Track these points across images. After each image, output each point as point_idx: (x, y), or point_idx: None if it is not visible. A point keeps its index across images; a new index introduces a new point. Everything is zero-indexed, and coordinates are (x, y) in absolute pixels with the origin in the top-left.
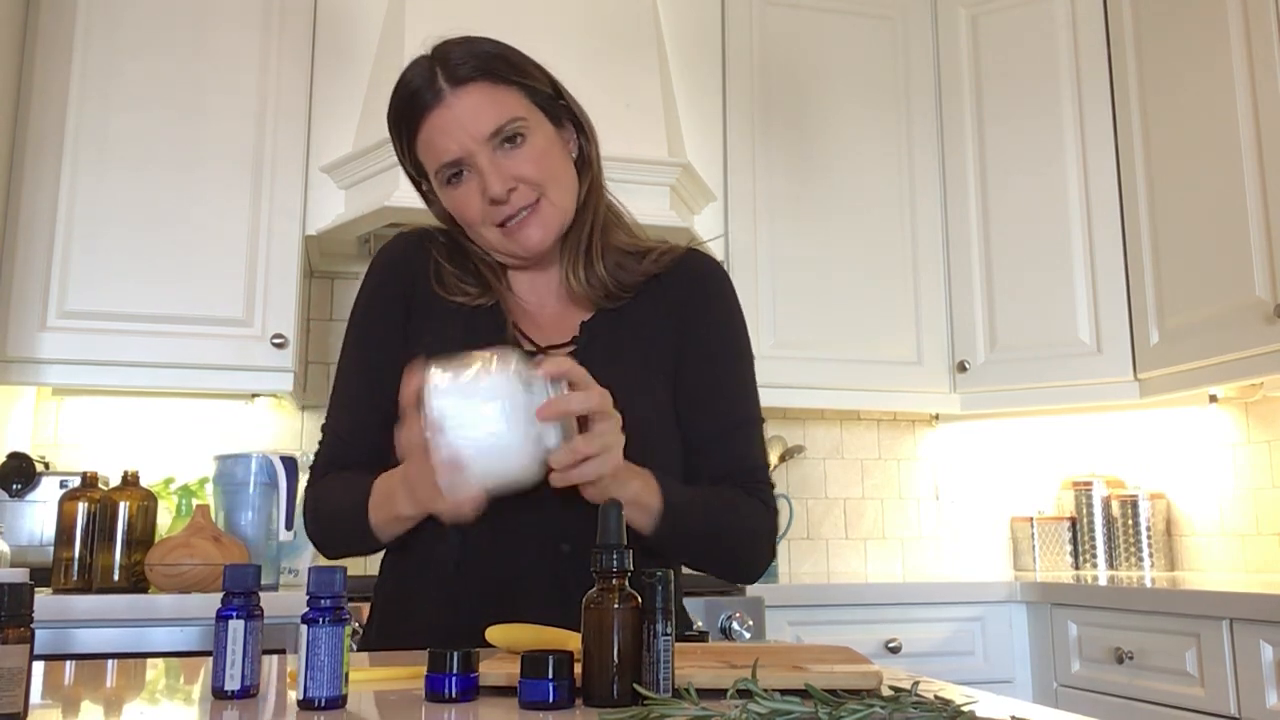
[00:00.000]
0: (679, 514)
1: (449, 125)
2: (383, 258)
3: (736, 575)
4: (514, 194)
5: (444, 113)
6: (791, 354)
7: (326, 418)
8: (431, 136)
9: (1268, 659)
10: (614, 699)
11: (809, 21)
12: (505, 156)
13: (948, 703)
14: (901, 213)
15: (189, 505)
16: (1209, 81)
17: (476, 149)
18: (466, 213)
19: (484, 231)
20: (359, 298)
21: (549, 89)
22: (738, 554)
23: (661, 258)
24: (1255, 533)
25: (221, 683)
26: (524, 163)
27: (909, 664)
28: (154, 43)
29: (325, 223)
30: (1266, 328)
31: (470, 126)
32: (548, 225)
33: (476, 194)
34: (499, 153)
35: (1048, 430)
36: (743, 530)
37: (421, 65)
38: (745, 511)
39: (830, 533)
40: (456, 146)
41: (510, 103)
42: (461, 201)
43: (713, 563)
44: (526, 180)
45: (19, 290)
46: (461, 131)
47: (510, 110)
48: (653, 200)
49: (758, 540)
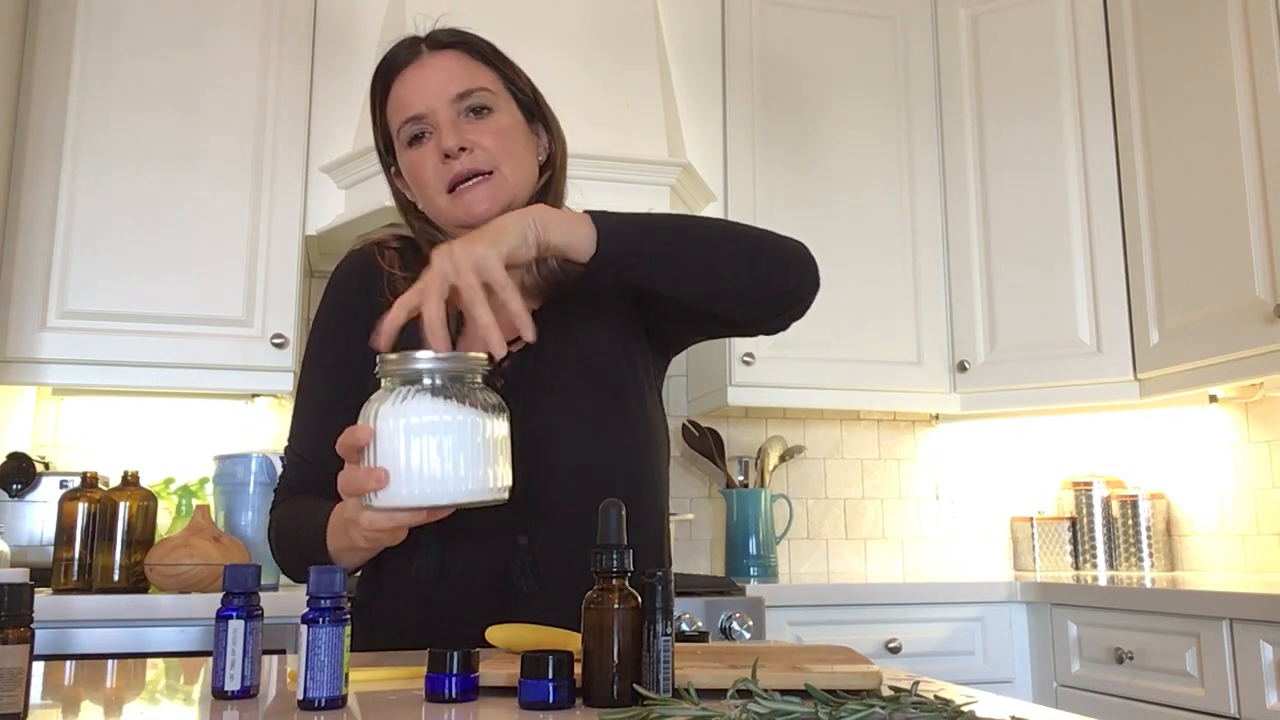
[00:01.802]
0: (624, 223)
1: (418, 81)
2: (335, 275)
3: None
4: (466, 154)
5: (416, 70)
6: (791, 354)
7: (289, 439)
8: (400, 92)
9: (1268, 659)
10: (614, 699)
11: (809, 21)
12: (468, 123)
13: (948, 703)
14: (901, 213)
15: (189, 505)
16: (1209, 81)
17: (440, 107)
18: (421, 173)
19: (435, 198)
20: (315, 316)
21: (528, 91)
22: (755, 254)
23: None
24: (1255, 533)
25: (221, 683)
26: (484, 133)
27: (909, 664)
28: (154, 43)
29: (325, 223)
30: (1266, 328)
31: (438, 86)
32: (495, 198)
33: (433, 154)
34: (463, 118)
35: (1048, 430)
36: (746, 231)
37: (406, 38)
38: (732, 224)
39: (830, 533)
40: (421, 103)
41: (482, 76)
42: (417, 161)
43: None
44: (482, 148)
45: (19, 290)
46: (428, 88)
47: (480, 80)
48: (653, 200)
49: (784, 245)
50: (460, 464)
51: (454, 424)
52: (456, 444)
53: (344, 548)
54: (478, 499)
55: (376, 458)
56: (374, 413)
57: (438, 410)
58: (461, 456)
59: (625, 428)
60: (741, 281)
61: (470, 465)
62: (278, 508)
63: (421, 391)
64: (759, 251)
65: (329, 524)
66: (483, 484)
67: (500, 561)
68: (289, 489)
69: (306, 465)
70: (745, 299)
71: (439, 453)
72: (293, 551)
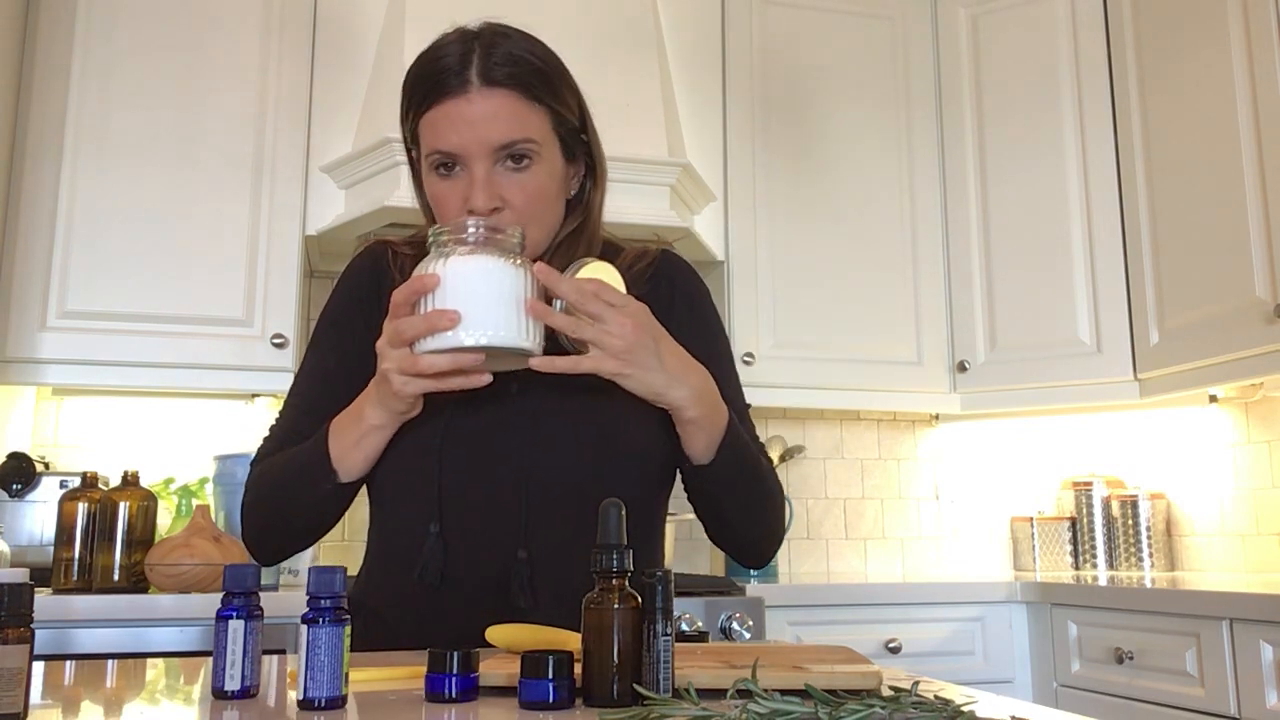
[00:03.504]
0: (740, 441)
1: (461, 121)
2: (349, 269)
3: (760, 542)
4: (494, 214)
5: (463, 105)
6: (791, 354)
7: (276, 420)
8: (439, 121)
9: (1268, 659)
10: (614, 699)
11: (809, 21)
12: (503, 174)
13: (948, 703)
14: (901, 212)
15: (189, 505)
16: (1209, 81)
17: (478, 154)
18: (443, 207)
19: None
20: (325, 306)
21: (576, 120)
22: (770, 511)
23: (636, 272)
24: (1255, 533)
25: (221, 683)
26: (518, 189)
27: (909, 664)
28: (154, 43)
29: (325, 223)
30: (1266, 328)
31: (483, 131)
32: None
33: (459, 195)
34: (499, 167)
35: (1048, 430)
36: (777, 494)
37: (460, 44)
38: (775, 479)
39: (830, 533)
40: (460, 143)
41: (532, 124)
42: (442, 194)
43: (748, 518)
44: (512, 207)
45: (19, 290)
46: (471, 132)
47: (528, 131)
48: (653, 200)
49: (780, 510)
50: (519, 310)
51: (517, 274)
52: (519, 291)
53: (353, 441)
54: (530, 346)
55: (446, 301)
56: (442, 262)
57: (503, 264)
58: (520, 304)
59: (629, 446)
60: (751, 534)
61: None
62: (255, 468)
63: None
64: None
65: (330, 430)
66: (536, 333)
67: (501, 572)
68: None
69: (289, 439)
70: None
71: (507, 297)
72: (276, 492)
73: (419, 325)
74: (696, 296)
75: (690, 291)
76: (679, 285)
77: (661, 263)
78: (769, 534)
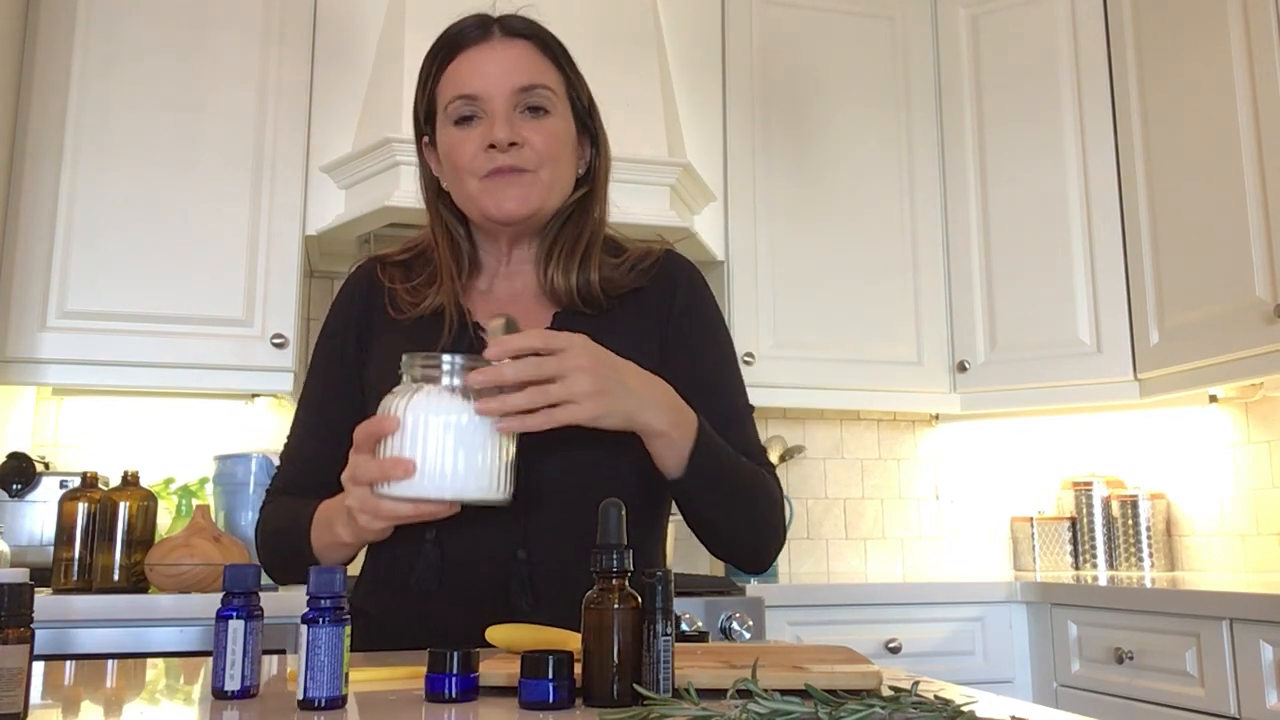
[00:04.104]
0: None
1: (484, 63)
2: (340, 292)
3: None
4: (515, 149)
5: (485, 50)
6: (791, 354)
7: (285, 444)
8: (461, 68)
9: (1268, 659)
10: (614, 699)
11: (809, 21)
12: (522, 119)
13: (948, 703)
14: (901, 213)
15: (189, 505)
16: (1209, 81)
17: (500, 95)
18: (459, 155)
19: (467, 180)
20: (322, 328)
21: (585, 101)
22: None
23: (640, 270)
24: (1255, 533)
25: (221, 683)
26: (537, 133)
27: (909, 664)
28: (154, 43)
29: (325, 223)
30: (1266, 328)
31: (503, 73)
32: (527, 199)
33: (477, 140)
34: (518, 112)
35: (1048, 430)
36: (767, 495)
37: (478, 16)
38: (764, 480)
39: (830, 533)
40: (481, 86)
41: (549, 75)
42: (458, 142)
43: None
44: (532, 146)
45: (19, 290)
46: (493, 73)
47: (546, 79)
48: (653, 200)
49: (775, 511)
50: (485, 462)
51: (484, 424)
52: (484, 443)
53: (327, 544)
54: (495, 499)
55: (404, 448)
56: (402, 405)
57: (469, 410)
58: (488, 456)
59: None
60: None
61: (492, 466)
62: (265, 507)
63: (446, 391)
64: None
65: (314, 519)
66: (502, 485)
67: (500, 573)
68: (277, 490)
69: (297, 469)
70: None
71: (471, 449)
72: (275, 549)
73: (373, 471)
74: (700, 296)
75: (693, 291)
76: (682, 284)
77: (665, 262)
78: (763, 538)
